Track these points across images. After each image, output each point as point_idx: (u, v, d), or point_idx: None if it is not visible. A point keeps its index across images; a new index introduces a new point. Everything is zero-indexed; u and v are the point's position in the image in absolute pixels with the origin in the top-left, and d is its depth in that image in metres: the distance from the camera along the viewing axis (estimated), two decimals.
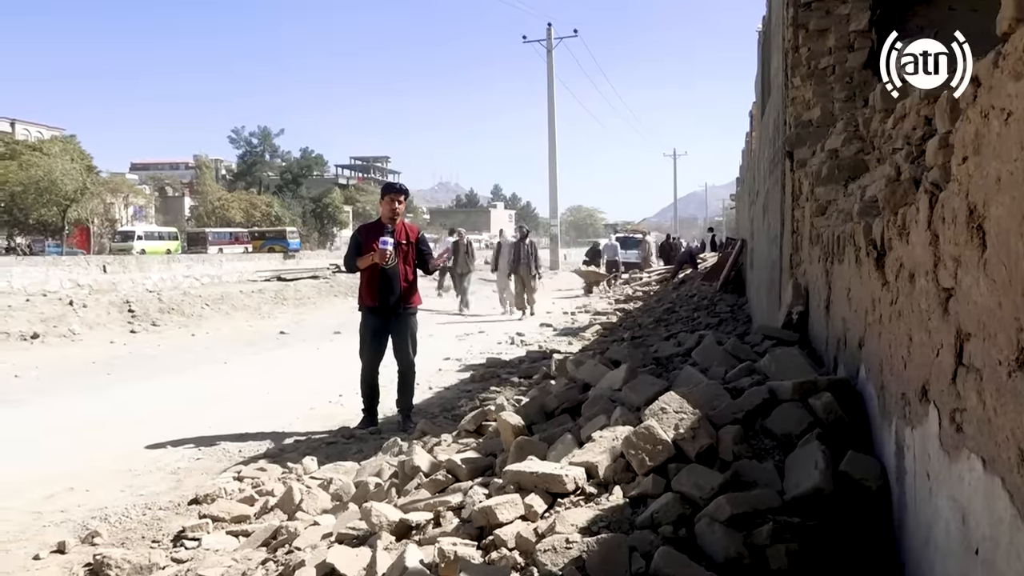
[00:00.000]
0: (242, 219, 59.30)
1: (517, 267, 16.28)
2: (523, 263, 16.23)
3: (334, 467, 5.11)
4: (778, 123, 6.32)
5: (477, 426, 4.78)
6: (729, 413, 3.17)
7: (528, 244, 16.51)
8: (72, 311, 13.92)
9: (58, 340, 12.67)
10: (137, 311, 14.76)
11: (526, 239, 16.66)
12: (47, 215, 44.78)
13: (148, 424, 6.90)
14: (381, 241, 6.26)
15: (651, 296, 19.42)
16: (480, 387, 7.90)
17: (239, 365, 10.34)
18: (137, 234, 45.83)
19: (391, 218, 6.48)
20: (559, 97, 38.50)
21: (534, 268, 16.39)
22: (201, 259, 34.93)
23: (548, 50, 37.47)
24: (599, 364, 4.81)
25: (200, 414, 7.26)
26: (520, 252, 16.35)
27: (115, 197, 53.43)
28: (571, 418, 4.05)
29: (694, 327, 9.07)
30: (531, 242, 16.66)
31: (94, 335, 13.25)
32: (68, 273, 24.35)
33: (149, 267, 28.73)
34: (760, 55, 9.62)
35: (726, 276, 13.50)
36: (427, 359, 8.99)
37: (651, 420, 3.05)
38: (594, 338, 11.44)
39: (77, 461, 5.75)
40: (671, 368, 5.10)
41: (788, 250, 5.69)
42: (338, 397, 7.84)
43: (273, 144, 75.94)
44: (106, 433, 6.61)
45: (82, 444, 6.25)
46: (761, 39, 9.44)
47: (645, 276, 26.02)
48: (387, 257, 6.28)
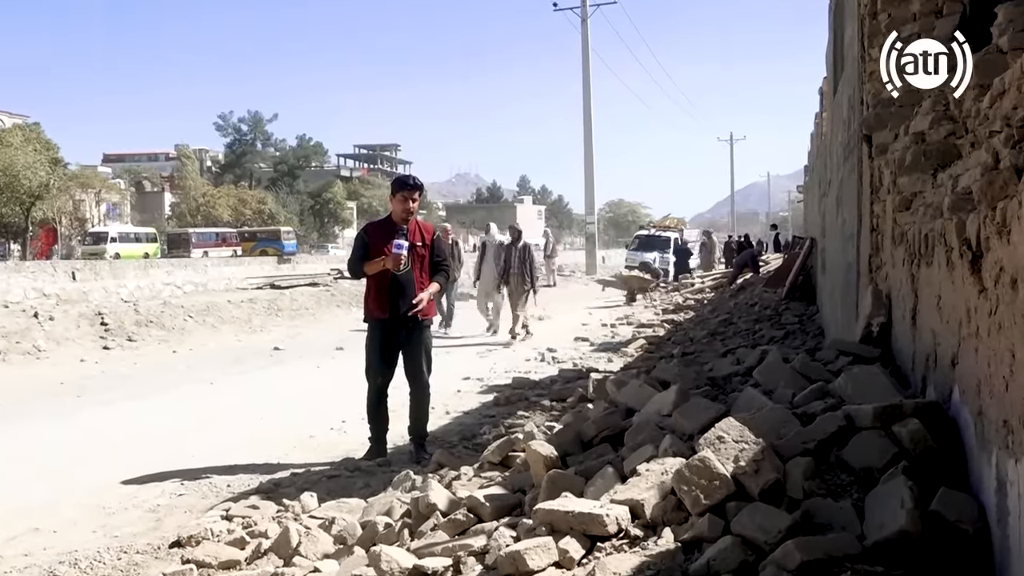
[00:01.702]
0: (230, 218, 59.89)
1: (507, 277, 14.58)
2: (515, 273, 14.55)
3: (337, 504, 5.13)
4: (853, 102, 6.28)
5: (502, 457, 4.77)
6: (798, 443, 3.15)
7: (522, 249, 14.87)
8: (37, 324, 14.11)
9: (21, 358, 12.85)
10: (111, 324, 14.93)
11: (519, 241, 14.98)
12: (8, 215, 45.48)
13: (123, 454, 6.97)
14: (395, 244, 6.28)
15: (704, 305, 19.34)
16: (505, 411, 7.89)
17: (227, 386, 10.42)
18: (111, 235, 46.42)
19: (404, 218, 6.51)
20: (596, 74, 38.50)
21: (528, 279, 14.68)
22: (183, 264, 35.33)
23: (583, 19, 37.55)
24: (644, 385, 4.79)
25: (183, 442, 7.33)
26: (511, 258, 14.64)
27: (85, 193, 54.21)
28: (612, 448, 4.04)
29: (755, 341, 9.01)
30: (526, 246, 15.10)
31: (62, 352, 13.42)
32: (32, 281, 24.75)
33: (124, 273, 29.10)
34: (831, 23, 9.56)
35: (793, 281, 13.41)
36: (443, 379, 9.00)
37: (706, 451, 3.04)
38: (638, 354, 11.40)
39: (43, 497, 5.82)
40: (729, 390, 5.06)
41: (866, 251, 5.64)
42: (341, 423, 7.88)
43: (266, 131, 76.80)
44: (76, 464, 6.69)
45: (48, 477, 6.33)
46: (832, 5, 9.38)
47: (697, 282, 25.93)
48: (401, 263, 6.31)
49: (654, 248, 30.52)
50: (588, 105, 37.84)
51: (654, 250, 30.19)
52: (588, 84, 37.57)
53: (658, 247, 30.69)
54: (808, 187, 19.74)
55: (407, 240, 6.37)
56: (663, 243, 31.02)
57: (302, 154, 77.55)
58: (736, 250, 30.44)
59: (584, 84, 37.67)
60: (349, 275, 6.94)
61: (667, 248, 30.32)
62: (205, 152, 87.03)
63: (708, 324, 13.10)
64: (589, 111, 37.85)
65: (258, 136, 76.37)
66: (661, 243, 31.12)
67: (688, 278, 27.58)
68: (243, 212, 61.47)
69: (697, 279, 26.88)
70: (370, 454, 6.52)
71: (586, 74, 37.53)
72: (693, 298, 22.10)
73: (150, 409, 8.93)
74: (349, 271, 6.80)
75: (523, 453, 4.46)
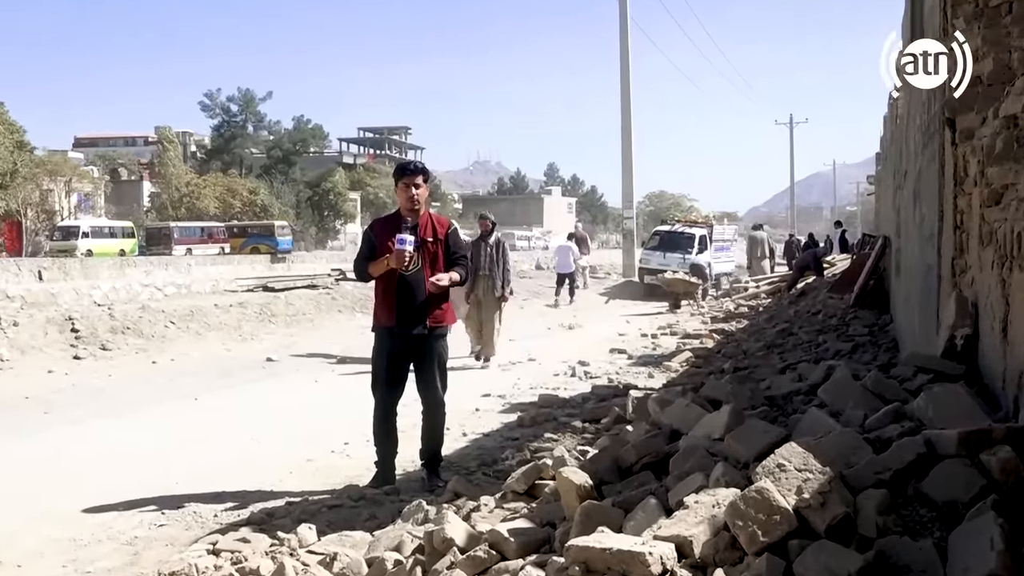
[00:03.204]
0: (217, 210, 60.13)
1: (474, 282, 12.59)
2: (483, 275, 13.06)
3: (339, 538, 5.14)
4: None
5: (529, 486, 4.77)
6: (871, 473, 3.14)
7: (494, 246, 13.33)
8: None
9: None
10: (82, 331, 15.06)
11: (491, 235, 13.41)
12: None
13: (96, 478, 7.03)
14: (398, 239, 6.27)
15: (759, 313, 19.27)
16: (531, 433, 7.92)
17: (213, 401, 10.49)
18: (82, 230, 46.68)
19: (411, 208, 6.52)
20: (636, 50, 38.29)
21: (500, 284, 13.16)
22: (164, 262, 35.53)
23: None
24: (692, 404, 4.79)
25: (163, 466, 7.38)
26: (480, 258, 13.02)
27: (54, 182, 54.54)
28: (655, 476, 4.04)
29: (819, 355, 8.96)
30: (499, 242, 13.48)
31: (27, 362, 13.55)
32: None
33: (98, 273, 29.31)
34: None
35: (862, 286, 13.33)
36: (460, 395, 9.01)
37: (765, 481, 3.03)
38: (683, 369, 11.39)
39: (4, 527, 5.87)
40: (790, 411, 5.05)
41: (949, 252, 5.60)
42: (343, 446, 7.92)
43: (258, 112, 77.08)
44: (42, 490, 6.75)
45: (11, 504, 6.39)
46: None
47: (752, 286, 25.81)
48: (406, 260, 6.30)
49: (676, 247, 29.47)
50: (627, 84, 37.76)
51: (676, 250, 29.25)
52: (627, 60, 37.51)
53: (681, 246, 29.58)
54: (880, 178, 19.61)
55: (414, 235, 6.38)
56: (686, 241, 29.90)
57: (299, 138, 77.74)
58: (798, 250, 30.09)
59: (622, 60, 37.61)
60: (355, 277, 6.96)
61: (690, 247, 29.27)
62: (189, 136, 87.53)
63: (764, 335, 13.05)
64: (628, 91, 37.77)
65: (249, 117, 76.66)
66: (685, 241, 29.96)
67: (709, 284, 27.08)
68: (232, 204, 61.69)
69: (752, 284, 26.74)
70: (376, 481, 6.53)
71: (624, 49, 37.47)
72: (747, 304, 22.05)
73: (126, 427, 9.00)
74: (355, 272, 6.84)
75: (552, 481, 4.46)
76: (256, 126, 78.21)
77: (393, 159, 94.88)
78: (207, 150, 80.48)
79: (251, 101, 76.21)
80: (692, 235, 30.16)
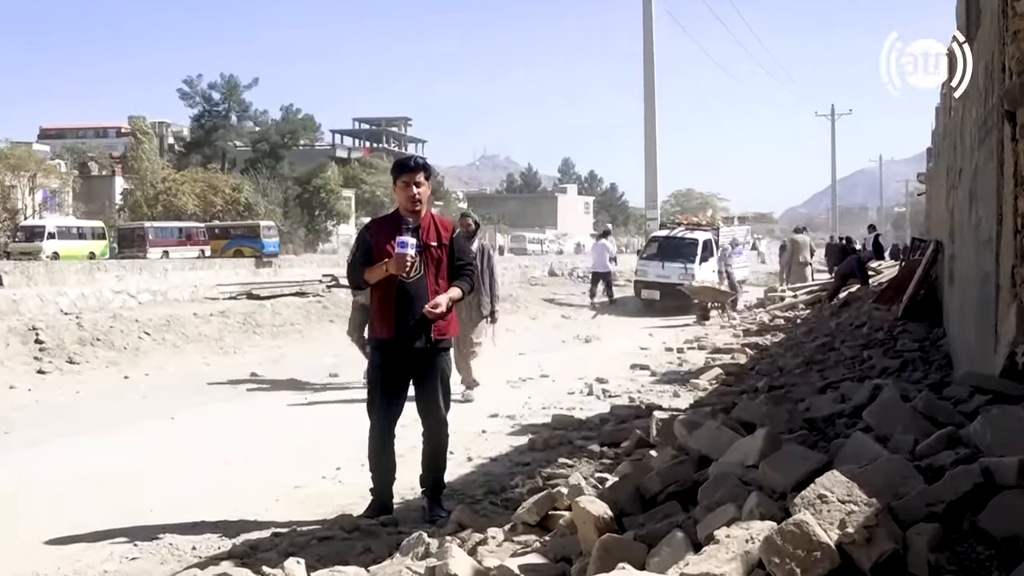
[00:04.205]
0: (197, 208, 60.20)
1: None
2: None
3: (330, 573, 5.13)
4: (991, 69, 6.23)
5: (541, 517, 4.76)
6: (922, 504, 3.14)
7: (478, 252, 11.87)
8: None
9: None
10: (47, 342, 15.09)
11: (474, 241, 12.05)
12: None
13: (61, 505, 7.04)
14: (399, 243, 6.24)
15: (797, 325, 19.24)
16: (543, 458, 7.90)
17: (192, 421, 10.50)
18: (48, 230, 46.86)
19: (412, 209, 6.49)
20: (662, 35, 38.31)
21: (486, 300, 12.05)
22: (138, 267, 35.67)
23: None
24: (723, 427, 4.78)
25: (136, 492, 7.38)
26: None
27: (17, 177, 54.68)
28: (681, 507, 4.04)
29: (864, 373, 8.95)
30: (484, 249, 12.32)
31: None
32: None
33: (65, 278, 29.44)
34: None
35: (912, 296, 13.30)
36: (465, 416, 9.00)
37: (804, 513, 3.02)
38: (712, 387, 11.36)
39: None
40: (831, 435, 5.04)
41: (1008, 259, 5.58)
42: (335, 471, 7.91)
43: (243, 101, 77.10)
44: (1, 519, 6.75)
45: None
46: None
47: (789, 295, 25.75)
48: (407, 266, 6.29)
49: (678, 255, 28.06)
50: (651, 72, 37.76)
51: (678, 258, 27.91)
52: (651, 46, 37.50)
53: (683, 254, 28.11)
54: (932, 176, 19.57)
55: (416, 238, 6.35)
56: (688, 247, 28.46)
57: (288, 129, 77.78)
58: (839, 255, 29.79)
59: (646, 46, 37.60)
60: (348, 284, 6.93)
61: (693, 254, 27.84)
62: (166, 126, 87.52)
63: (803, 350, 13.03)
64: (652, 79, 37.77)
65: (233, 107, 76.68)
66: (686, 248, 28.50)
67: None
68: (213, 202, 61.71)
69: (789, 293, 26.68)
70: (372, 510, 6.52)
71: (648, 33, 37.48)
72: (783, 316, 22.02)
73: (95, 449, 9.00)
74: (348, 279, 6.81)
75: (567, 512, 4.46)
76: (240, 116, 78.23)
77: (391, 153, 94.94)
78: (186, 142, 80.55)
79: (235, 88, 76.22)
80: (695, 240, 28.78)
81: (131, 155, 65.43)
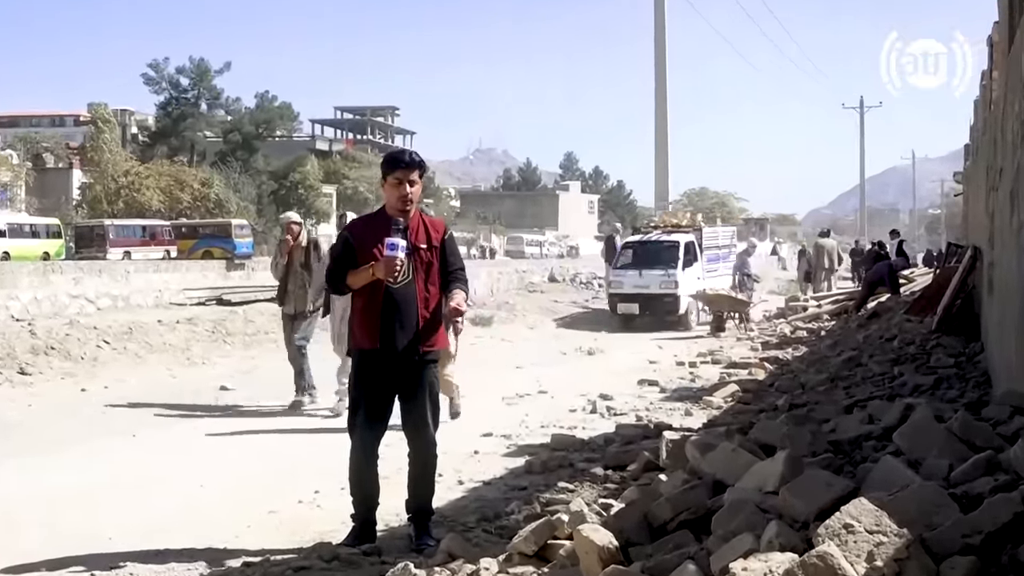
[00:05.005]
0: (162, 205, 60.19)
1: None
2: None
3: None
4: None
5: (539, 547, 4.74)
6: (957, 536, 3.14)
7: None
8: None
9: None
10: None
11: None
12: None
13: (12, 532, 7.01)
14: (388, 244, 6.23)
15: (821, 337, 19.24)
16: (542, 482, 7.90)
17: (156, 439, 10.47)
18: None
19: (402, 208, 6.47)
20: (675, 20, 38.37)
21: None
22: (97, 268, 35.51)
23: None
24: (739, 449, 4.78)
25: (93, 517, 7.35)
26: None
27: None
28: (693, 537, 4.04)
29: (894, 391, 8.93)
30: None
31: None
32: None
33: (16, 280, 29.29)
34: None
35: (947, 307, 13.29)
36: (456, 435, 9.00)
37: (828, 544, 3.02)
38: (728, 405, 11.36)
39: None
40: (859, 459, 5.03)
41: None
42: (313, 494, 7.88)
43: (213, 87, 77.03)
44: None
45: None
46: None
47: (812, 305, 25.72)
48: (396, 270, 6.27)
49: (656, 262, 26.78)
50: (662, 61, 37.91)
51: (657, 264, 26.64)
52: (663, 33, 37.67)
53: (662, 260, 26.87)
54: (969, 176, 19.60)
55: (406, 240, 6.34)
56: (668, 252, 27.11)
57: (263, 119, 77.75)
58: (870, 261, 29.53)
59: (657, 33, 37.76)
60: (328, 289, 6.90)
61: (674, 260, 26.58)
62: (129, 115, 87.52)
63: (827, 365, 13.01)
64: (664, 69, 37.90)
65: (203, 93, 76.51)
66: (666, 252, 27.15)
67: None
68: (180, 198, 61.62)
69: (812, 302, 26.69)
70: (353, 537, 6.48)
71: (660, 19, 37.65)
72: (805, 327, 22.04)
73: (49, 469, 8.98)
74: (328, 284, 6.78)
75: (568, 541, 4.45)
76: (211, 104, 78.13)
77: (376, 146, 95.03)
78: (151, 132, 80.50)
79: (205, 74, 76.11)
80: (675, 243, 27.38)
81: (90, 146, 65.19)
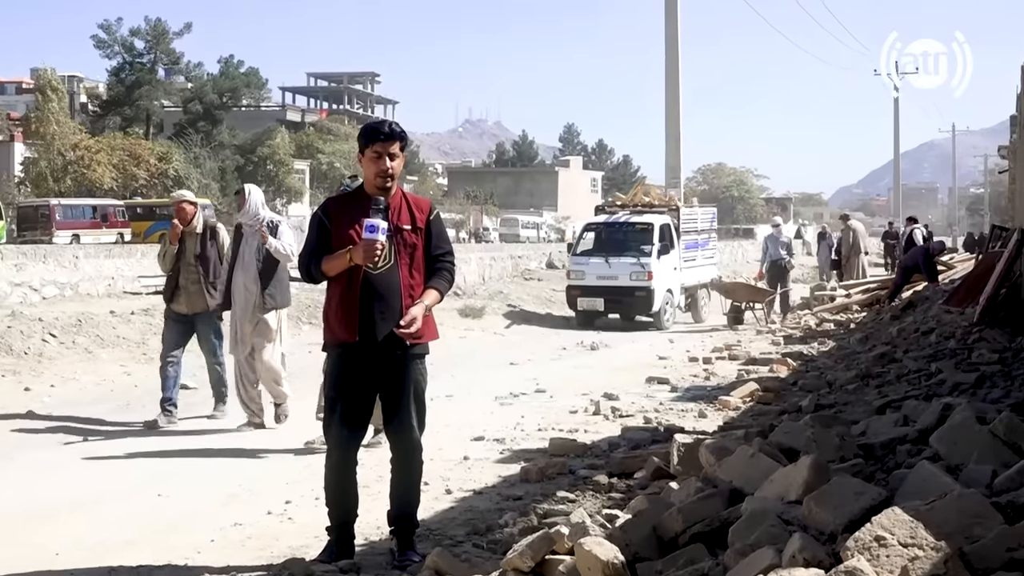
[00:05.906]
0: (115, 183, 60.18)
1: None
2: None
3: None
4: None
5: (537, 562, 4.75)
6: (1001, 549, 3.16)
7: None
8: None
9: None
10: None
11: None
12: None
13: None
14: (367, 226, 6.21)
15: (850, 330, 19.27)
16: (539, 491, 7.92)
17: (109, 444, 10.47)
18: None
19: (383, 186, 6.46)
20: None
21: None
22: (42, 253, 35.47)
23: None
24: (759, 455, 4.79)
25: (39, 531, 7.36)
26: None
27: None
28: (708, 551, 4.06)
29: (932, 390, 8.95)
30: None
31: None
32: None
33: None
34: None
35: (991, 296, 13.29)
36: (443, 439, 9.02)
37: (858, 559, 3.03)
38: (746, 405, 11.39)
39: None
40: (891, 465, 5.05)
41: None
42: (284, 505, 7.88)
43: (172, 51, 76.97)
44: None
45: None
46: None
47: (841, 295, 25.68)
48: (376, 254, 6.25)
49: (625, 248, 25.05)
50: (674, 23, 37.74)
51: (626, 251, 24.88)
52: None
53: (631, 246, 25.03)
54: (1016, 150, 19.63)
55: (386, 220, 6.32)
56: (639, 236, 25.22)
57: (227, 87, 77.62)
58: (901, 245, 29.24)
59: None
60: (300, 277, 6.85)
61: (647, 245, 24.67)
62: (78, 81, 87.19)
63: (857, 361, 13.04)
64: (675, 32, 37.74)
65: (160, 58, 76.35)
66: (636, 236, 25.28)
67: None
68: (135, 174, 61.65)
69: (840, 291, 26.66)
70: (329, 553, 6.47)
71: None
72: (832, 319, 22.06)
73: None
74: (300, 271, 6.73)
75: (569, 556, 4.47)
76: (169, 70, 78.06)
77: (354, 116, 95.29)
78: (102, 101, 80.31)
79: (163, 35, 75.92)
80: (647, 226, 25.34)
81: (34, 116, 64.96)
